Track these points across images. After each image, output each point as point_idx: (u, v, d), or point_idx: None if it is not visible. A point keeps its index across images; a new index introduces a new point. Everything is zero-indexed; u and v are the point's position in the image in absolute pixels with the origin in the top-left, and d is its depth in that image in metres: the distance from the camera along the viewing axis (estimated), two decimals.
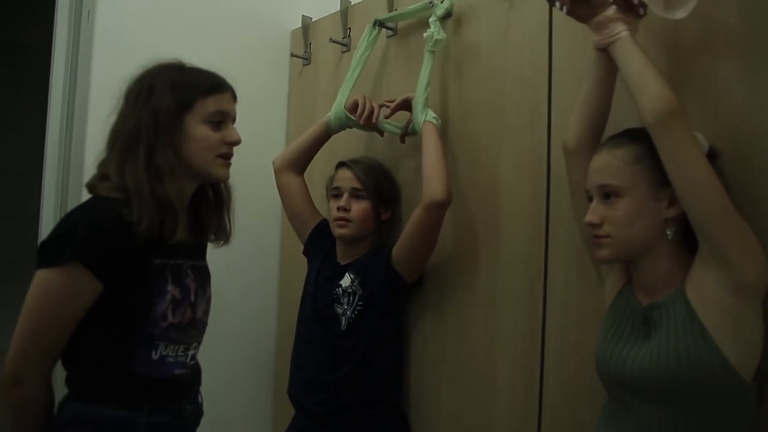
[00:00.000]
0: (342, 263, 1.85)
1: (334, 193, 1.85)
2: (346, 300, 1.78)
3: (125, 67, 1.99)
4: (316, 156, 1.97)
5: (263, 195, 2.32)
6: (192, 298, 1.37)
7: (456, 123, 1.79)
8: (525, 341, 1.57)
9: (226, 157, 1.41)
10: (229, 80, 2.19)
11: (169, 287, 1.31)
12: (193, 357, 1.39)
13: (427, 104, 1.75)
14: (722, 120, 1.25)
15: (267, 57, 2.36)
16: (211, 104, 1.36)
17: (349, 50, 2.14)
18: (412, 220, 1.69)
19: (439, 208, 1.65)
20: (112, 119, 1.38)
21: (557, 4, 1.24)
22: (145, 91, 1.34)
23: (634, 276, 1.22)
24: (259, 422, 2.31)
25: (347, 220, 1.79)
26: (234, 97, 1.44)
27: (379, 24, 1.95)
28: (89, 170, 1.91)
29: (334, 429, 1.76)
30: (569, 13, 1.24)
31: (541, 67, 1.57)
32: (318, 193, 1.99)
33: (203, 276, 1.45)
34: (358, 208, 1.80)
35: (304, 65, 2.33)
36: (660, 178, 1.12)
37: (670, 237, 1.14)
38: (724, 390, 1.07)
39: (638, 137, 1.16)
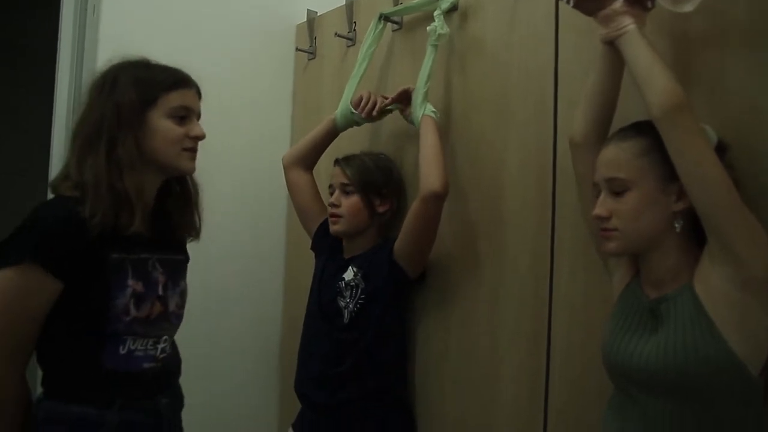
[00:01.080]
0: (346, 257, 1.86)
1: (329, 191, 1.87)
2: (348, 293, 1.79)
3: None
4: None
5: (268, 190, 2.33)
6: (160, 291, 1.37)
7: (460, 117, 1.78)
8: (530, 339, 1.56)
9: (192, 150, 1.42)
10: (233, 76, 2.22)
11: (130, 281, 1.31)
12: (164, 350, 1.39)
13: (426, 98, 1.75)
14: (730, 113, 1.24)
15: (272, 51, 2.36)
16: (174, 99, 1.38)
17: (355, 44, 2.14)
18: (411, 213, 1.70)
19: (436, 200, 1.65)
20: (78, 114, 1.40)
21: None
22: (108, 86, 1.35)
23: (642, 269, 1.22)
24: (266, 416, 2.32)
25: (338, 216, 1.81)
26: (199, 94, 1.45)
27: (385, 18, 1.94)
28: None
29: (339, 422, 1.77)
30: (576, 6, 1.23)
31: (547, 60, 1.56)
32: (325, 190, 2.00)
33: (176, 269, 1.45)
34: (347, 203, 1.81)
35: (309, 59, 2.33)
36: (668, 172, 1.11)
37: (678, 230, 1.13)
38: (731, 384, 1.07)
39: (645, 130, 1.16)
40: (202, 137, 1.42)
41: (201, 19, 2.17)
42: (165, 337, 1.39)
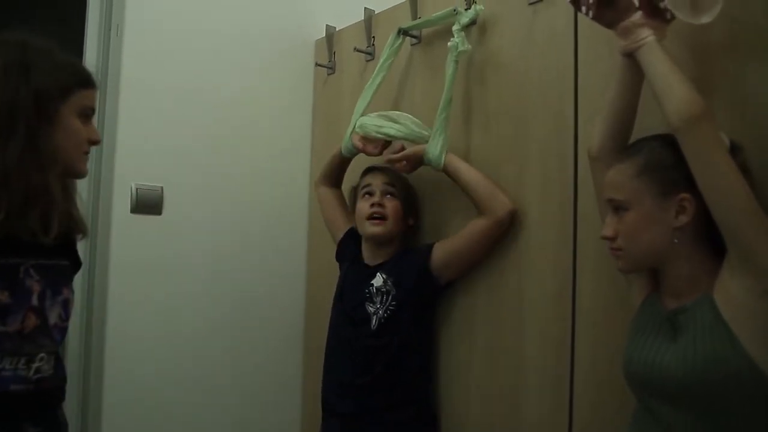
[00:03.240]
0: (371, 265, 1.87)
1: (366, 191, 1.86)
2: (378, 299, 1.79)
3: (153, 80, 2.06)
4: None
5: (289, 204, 2.35)
6: (34, 302, 1.18)
7: (479, 129, 1.79)
8: (553, 347, 1.56)
9: (87, 153, 1.30)
10: (253, 91, 2.25)
11: None
12: (40, 369, 1.18)
13: (446, 126, 1.75)
14: (751, 121, 1.24)
15: (291, 67, 2.38)
16: (87, 97, 1.26)
17: (374, 59, 2.15)
18: (474, 231, 1.70)
19: (510, 219, 1.66)
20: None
21: (583, 9, 1.24)
22: (17, 66, 1.17)
23: (660, 281, 1.22)
24: (288, 424, 2.31)
25: (383, 218, 1.81)
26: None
27: (404, 33, 1.96)
28: (119, 182, 1.99)
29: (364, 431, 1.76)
30: (595, 18, 1.23)
31: (567, 73, 1.57)
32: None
33: (57, 276, 1.25)
34: (392, 206, 1.83)
35: (328, 74, 2.35)
36: (664, 188, 1.13)
37: (678, 244, 1.14)
38: (752, 394, 1.05)
39: (641, 149, 1.18)
40: (98, 142, 1.31)
41: (221, 36, 2.20)
42: (41, 355, 1.19)
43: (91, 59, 2.07)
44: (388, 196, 1.84)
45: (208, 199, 2.16)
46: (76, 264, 1.36)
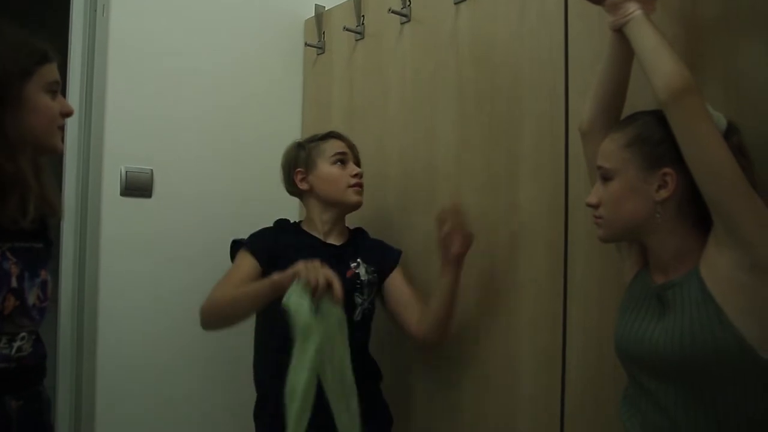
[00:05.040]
0: (337, 244, 1.83)
1: (339, 158, 1.82)
2: (367, 290, 1.78)
3: (141, 61, 2.04)
4: None
5: (280, 184, 2.33)
6: (13, 284, 1.21)
7: (472, 108, 1.78)
8: (546, 328, 1.56)
9: (62, 129, 1.30)
10: (242, 72, 2.23)
11: None
12: (21, 348, 1.24)
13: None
14: (744, 99, 1.24)
15: (281, 47, 2.36)
16: (48, 73, 1.25)
17: (363, 38, 2.14)
18: (401, 311, 1.79)
19: None
20: None
21: None
22: None
23: (649, 257, 1.23)
24: None
25: (361, 187, 1.83)
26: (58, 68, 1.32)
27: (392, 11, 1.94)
28: (108, 165, 1.98)
29: None
30: None
31: (558, 49, 1.56)
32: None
33: (33, 258, 1.28)
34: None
35: (318, 54, 2.33)
36: (650, 161, 1.14)
37: (659, 219, 1.14)
38: (741, 369, 1.06)
39: (635, 121, 1.18)
40: (71, 113, 1.32)
41: (209, 16, 2.18)
42: (23, 335, 1.24)
43: (77, 40, 2.05)
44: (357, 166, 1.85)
45: (198, 181, 2.15)
46: (50, 245, 1.37)
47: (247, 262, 1.74)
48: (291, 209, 2.36)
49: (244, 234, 2.03)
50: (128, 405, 1.98)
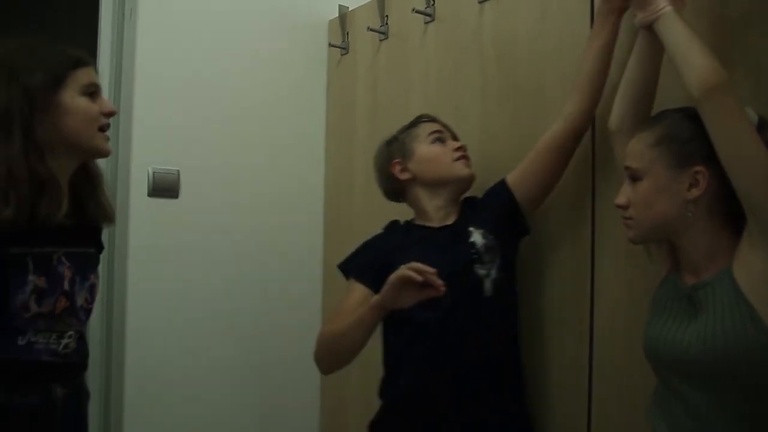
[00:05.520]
0: (446, 224, 1.61)
1: (438, 137, 1.64)
2: (488, 258, 1.54)
3: (168, 63, 2.06)
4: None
5: (305, 185, 2.35)
6: (66, 287, 1.30)
7: (495, 106, 1.77)
8: (572, 327, 1.55)
9: (105, 129, 1.35)
10: (267, 73, 2.25)
11: (30, 277, 1.25)
12: (68, 345, 1.33)
13: None
14: None
15: (305, 48, 2.37)
16: (83, 77, 1.32)
17: (387, 38, 2.14)
18: (545, 141, 1.53)
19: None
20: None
21: None
22: (6, 71, 1.26)
23: (678, 257, 1.21)
24: (308, 405, 2.32)
25: (468, 159, 1.64)
26: (97, 71, 1.39)
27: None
28: (136, 166, 2.00)
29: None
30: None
31: (581, 47, 1.53)
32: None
33: (84, 263, 1.37)
34: None
35: (342, 55, 2.34)
36: (680, 160, 1.11)
37: (691, 218, 1.12)
38: None
39: (663, 119, 1.16)
40: (114, 112, 1.37)
41: (233, 17, 2.20)
42: (70, 333, 1.34)
43: (105, 43, 2.08)
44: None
45: (224, 182, 2.17)
46: (100, 249, 1.47)
47: (353, 290, 1.57)
48: (316, 208, 2.37)
49: (269, 231, 2.04)
50: (155, 408, 2.00)
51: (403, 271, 1.33)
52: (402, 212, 1.77)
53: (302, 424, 2.30)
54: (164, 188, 2.04)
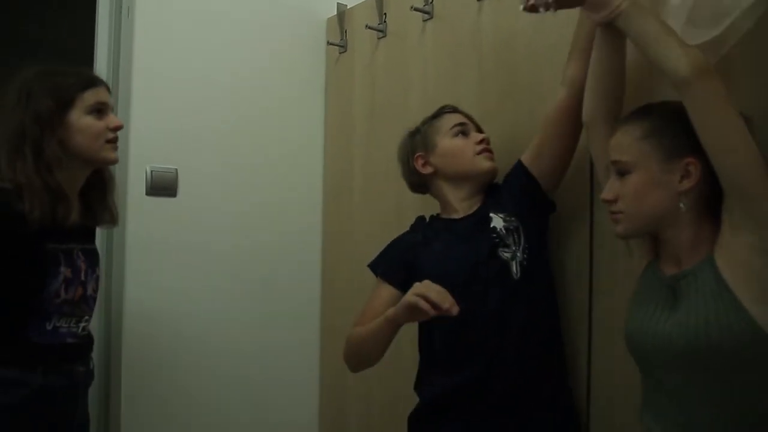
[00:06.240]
0: (468, 214, 1.60)
1: (461, 130, 1.62)
2: (511, 240, 1.51)
3: (165, 62, 2.06)
4: None
5: (303, 181, 2.35)
6: (83, 277, 1.53)
7: (494, 106, 1.77)
8: (572, 328, 1.55)
9: (113, 141, 1.54)
10: (265, 71, 2.25)
11: (62, 268, 1.47)
12: (84, 328, 1.55)
13: None
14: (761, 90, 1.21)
15: (303, 46, 2.37)
16: (90, 97, 1.50)
17: (385, 36, 2.14)
18: (550, 111, 1.50)
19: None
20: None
21: (541, 9, 1.19)
22: (24, 97, 1.46)
23: (660, 248, 1.21)
24: (306, 399, 2.33)
25: (491, 152, 1.61)
26: (109, 90, 1.56)
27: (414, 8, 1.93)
28: (134, 165, 2.00)
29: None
30: (559, 7, 1.19)
31: None
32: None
33: (92, 258, 1.60)
34: None
35: (340, 53, 2.34)
36: (670, 152, 1.11)
37: (684, 210, 1.11)
38: (758, 358, 1.04)
39: (649, 112, 1.16)
40: (120, 127, 1.55)
41: (231, 15, 2.20)
42: (86, 317, 1.56)
43: (102, 41, 2.08)
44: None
45: (223, 180, 2.17)
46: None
47: (380, 290, 1.59)
48: (314, 205, 2.37)
49: (267, 229, 2.04)
50: (151, 404, 2.01)
51: (413, 298, 1.32)
52: (398, 208, 1.77)
53: (301, 420, 2.30)
54: (162, 187, 2.04)
